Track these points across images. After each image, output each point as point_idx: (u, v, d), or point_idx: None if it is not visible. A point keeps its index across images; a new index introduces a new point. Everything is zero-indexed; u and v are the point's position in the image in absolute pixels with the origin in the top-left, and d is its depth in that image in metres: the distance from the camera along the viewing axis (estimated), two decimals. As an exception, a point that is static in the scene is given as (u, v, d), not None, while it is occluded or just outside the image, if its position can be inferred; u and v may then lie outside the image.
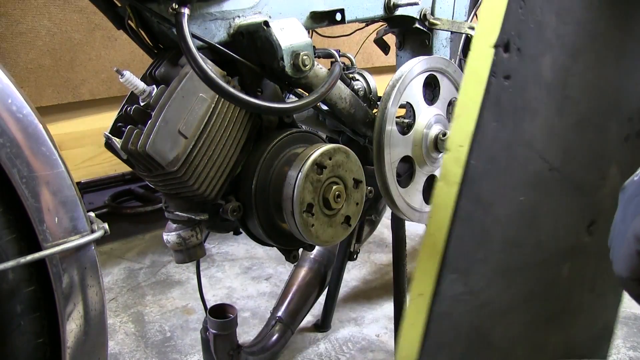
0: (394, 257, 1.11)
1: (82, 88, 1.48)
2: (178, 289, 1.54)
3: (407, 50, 1.16)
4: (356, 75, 1.01)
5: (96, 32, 1.47)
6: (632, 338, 1.25)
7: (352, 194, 0.83)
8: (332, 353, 1.23)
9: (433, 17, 1.08)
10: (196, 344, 1.27)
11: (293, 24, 0.80)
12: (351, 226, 0.84)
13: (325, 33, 1.17)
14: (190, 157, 0.74)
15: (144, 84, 0.74)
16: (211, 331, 0.95)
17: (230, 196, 0.81)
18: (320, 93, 0.79)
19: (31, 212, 0.56)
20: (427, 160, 0.98)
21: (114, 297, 1.51)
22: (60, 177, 0.59)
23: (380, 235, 1.87)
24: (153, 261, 1.73)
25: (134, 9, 0.76)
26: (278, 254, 1.72)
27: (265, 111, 0.79)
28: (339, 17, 0.90)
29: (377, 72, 1.61)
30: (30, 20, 1.35)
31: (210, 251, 1.78)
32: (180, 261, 0.85)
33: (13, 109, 0.56)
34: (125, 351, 1.26)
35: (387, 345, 1.25)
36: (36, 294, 0.60)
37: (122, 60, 1.53)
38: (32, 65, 1.38)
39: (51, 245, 0.57)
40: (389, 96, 0.90)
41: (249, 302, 1.46)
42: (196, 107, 0.73)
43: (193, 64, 0.67)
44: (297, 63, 0.78)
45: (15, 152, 0.55)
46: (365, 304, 1.43)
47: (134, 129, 0.72)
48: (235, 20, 0.80)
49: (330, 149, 0.79)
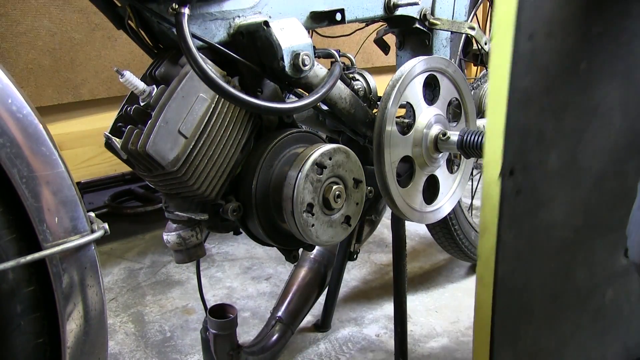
0: (394, 257, 1.11)
1: (82, 88, 1.48)
2: (178, 289, 1.54)
3: (407, 50, 1.16)
4: (356, 75, 1.01)
5: (96, 32, 1.47)
6: (632, 338, 1.25)
7: (352, 194, 0.83)
8: (332, 353, 1.23)
9: (433, 17, 1.08)
10: (196, 344, 1.27)
11: (293, 24, 0.80)
12: (351, 226, 0.84)
13: (325, 33, 1.17)
14: (190, 157, 0.74)
15: (144, 84, 0.74)
16: (211, 331, 0.95)
17: (230, 196, 0.81)
18: (320, 93, 0.79)
19: (31, 212, 0.56)
20: (427, 160, 0.98)
21: (114, 297, 1.51)
22: (60, 177, 0.59)
23: (380, 235, 1.87)
24: (153, 261, 1.73)
25: (134, 9, 0.76)
26: (278, 254, 1.72)
27: (265, 111, 0.79)
28: (339, 17, 0.90)
29: (377, 72, 1.61)
30: (30, 20, 1.35)
31: (210, 251, 1.78)
32: (180, 261, 0.85)
33: (13, 109, 0.56)
34: (125, 351, 1.26)
35: (387, 345, 1.25)
36: (36, 294, 0.60)
37: (122, 60, 1.53)
38: (32, 65, 1.38)
39: (51, 245, 0.57)
40: (389, 96, 0.90)
41: (249, 302, 1.46)
42: (196, 107, 0.73)
43: (193, 64, 0.67)
44: (297, 63, 0.78)
45: (15, 152, 0.55)
46: (365, 304, 1.43)
47: (134, 129, 0.72)
48: (235, 20, 0.80)
49: (330, 149, 0.79)
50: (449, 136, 0.96)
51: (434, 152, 0.98)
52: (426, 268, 1.64)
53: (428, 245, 1.78)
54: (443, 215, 1.04)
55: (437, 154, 0.98)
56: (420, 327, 1.32)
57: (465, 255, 1.49)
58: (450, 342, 1.25)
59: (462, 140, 0.94)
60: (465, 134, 0.94)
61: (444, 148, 0.97)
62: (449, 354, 1.21)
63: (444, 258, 1.69)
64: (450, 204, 1.05)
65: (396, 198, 0.93)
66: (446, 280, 1.55)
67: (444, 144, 0.96)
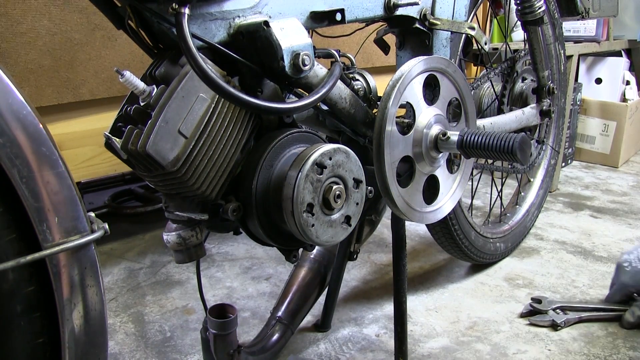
0: (394, 257, 1.11)
1: (82, 88, 1.48)
2: (178, 289, 1.54)
3: (407, 50, 1.16)
4: (356, 75, 1.01)
5: (96, 32, 1.47)
6: (632, 338, 1.25)
7: (352, 194, 0.83)
8: (332, 353, 1.23)
9: (433, 17, 1.08)
10: (196, 344, 1.27)
11: (293, 24, 0.80)
12: (351, 226, 0.84)
13: (325, 33, 1.17)
14: (191, 157, 0.74)
15: (144, 84, 0.74)
16: (211, 331, 0.95)
17: (230, 196, 0.81)
18: (320, 93, 0.79)
19: (31, 212, 0.56)
20: (427, 160, 0.98)
21: (114, 297, 1.51)
22: (60, 177, 0.58)
23: (380, 235, 1.87)
24: (153, 261, 1.73)
25: (134, 9, 0.76)
26: (278, 254, 1.72)
27: (265, 111, 0.79)
28: (339, 17, 0.90)
29: (377, 72, 1.61)
30: (30, 20, 1.35)
31: (210, 251, 1.78)
32: (180, 261, 0.85)
33: (13, 109, 0.56)
34: (125, 351, 1.26)
35: (387, 345, 1.25)
36: (36, 294, 0.60)
37: (122, 60, 1.53)
38: (32, 65, 1.38)
39: (51, 245, 0.57)
40: (389, 96, 0.90)
41: (249, 302, 1.46)
42: (196, 107, 0.73)
43: (193, 64, 0.67)
44: (297, 63, 0.78)
45: (15, 152, 0.55)
46: (365, 304, 1.43)
47: (134, 129, 0.72)
48: (235, 20, 0.80)
49: (330, 149, 0.79)
50: (449, 136, 0.96)
51: (434, 152, 0.98)
52: (426, 268, 1.64)
53: (428, 245, 1.78)
54: (443, 215, 1.04)
55: (437, 153, 0.98)
56: (420, 327, 1.32)
57: (465, 255, 1.49)
58: (450, 342, 1.25)
59: (462, 140, 0.94)
60: (465, 134, 0.94)
61: (444, 148, 0.97)
62: (449, 354, 1.21)
63: (444, 258, 1.69)
64: (450, 204, 1.05)
65: (396, 198, 0.93)
66: (446, 280, 1.55)
67: (444, 144, 0.96)
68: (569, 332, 1.29)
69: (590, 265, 1.62)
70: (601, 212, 2.05)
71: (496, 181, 1.81)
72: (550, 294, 1.46)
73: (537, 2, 1.32)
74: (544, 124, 1.58)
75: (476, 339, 1.26)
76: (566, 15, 1.62)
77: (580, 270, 1.59)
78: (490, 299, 1.44)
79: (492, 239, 1.56)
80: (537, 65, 1.45)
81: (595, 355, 1.19)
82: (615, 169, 2.57)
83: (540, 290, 1.48)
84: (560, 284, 1.51)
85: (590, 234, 1.85)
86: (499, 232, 1.61)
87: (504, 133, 0.92)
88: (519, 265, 1.63)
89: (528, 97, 1.47)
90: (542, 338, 1.27)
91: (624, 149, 2.58)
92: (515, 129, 1.37)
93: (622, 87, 2.61)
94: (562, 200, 2.19)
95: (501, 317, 1.35)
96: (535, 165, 1.68)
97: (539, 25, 1.37)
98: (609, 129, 2.56)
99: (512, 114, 1.37)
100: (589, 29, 2.39)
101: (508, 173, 1.84)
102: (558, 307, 1.33)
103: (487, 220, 1.66)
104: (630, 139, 2.61)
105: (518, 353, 1.21)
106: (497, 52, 2.03)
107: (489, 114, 1.43)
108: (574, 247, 1.75)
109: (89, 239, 0.60)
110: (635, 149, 2.77)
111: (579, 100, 2.52)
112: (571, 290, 1.48)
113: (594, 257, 1.67)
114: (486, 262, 1.60)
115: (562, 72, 1.73)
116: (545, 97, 1.48)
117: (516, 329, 1.30)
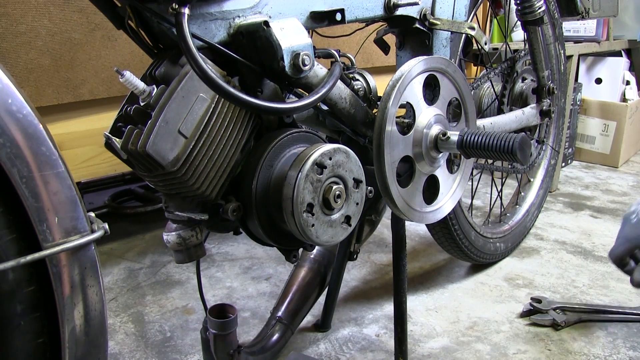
0: (394, 257, 1.11)
1: (82, 88, 1.48)
2: (178, 289, 1.54)
3: (407, 50, 1.16)
4: (356, 75, 1.01)
5: (96, 32, 1.47)
6: (632, 338, 1.25)
7: (352, 194, 0.83)
8: (332, 353, 1.23)
9: (433, 17, 1.08)
10: (196, 344, 1.27)
11: (293, 24, 0.80)
12: (351, 226, 0.84)
13: (325, 33, 1.17)
14: (190, 157, 0.74)
15: (144, 84, 0.74)
16: (211, 331, 0.95)
17: (230, 196, 0.81)
18: (320, 93, 0.79)
19: (31, 212, 0.56)
20: (427, 160, 0.98)
21: (114, 297, 1.51)
22: (60, 177, 0.58)
23: (380, 235, 1.87)
24: (153, 261, 1.73)
25: (134, 9, 0.76)
26: (278, 254, 1.72)
27: (265, 111, 0.79)
28: (339, 17, 0.90)
29: (377, 72, 1.61)
30: (30, 20, 1.35)
31: (210, 251, 1.78)
32: (180, 261, 0.85)
33: (13, 109, 0.56)
34: (125, 351, 1.26)
35: (387, 345, 1.25)
36: (36, 294, 0.60)
37: (122, 60, 1.53)
38: (32, 65, 1.38)
39: (51, 245, 0.57)
40: (389, 96, 0.89)
41: (249, 302, 1.46)
42: (196, 107, 0.73)
43: (193, 64, 0.67)
44: (297, 63, 0.78)
45: (15, 152, 0.55)
46: (365, 304, 1.43)
47: (134, 129, 0.72)
48: (235, 20, 0.80)
49: (330, 149, 0.79)
50: (449, 136, 0.96)
51: (434, 152, 0.98)
52: (426, 268, 1.64)
53: (428, 245, 1.78)
54: (443, 215, 1.04)
55: (437, 153, 0.98)
56: (420, 327, 1.32)
57: (465, 255, 1.49)
58: (450, 342, 1.25)
59: (462, 140, 0.94)
60: (465, 134, 0.94)
61: (444, 148, 0.97)
62: (449, 354, 1.21)
63: (444, 258, 1.69)
64: (450, 204, 1.05)
65: (396, 198, 0.93)
66: (446, 280, 1.55)
67: (444, 144, 0.96)
68: (569, 332, 1.29)
69: (590, 265, 1.62)
70: (601, 212, 2.05)
71: (496, 181, 1.81)
72: (550, 294, 1.46)
73: (537, 2, 1.32)
74: (544, 124, 1.58)
75: (476, 339, 1.26)
76: (566, 15, 1.62)
77: (580, 270, 1.59)
78: (490, 299, 1.44)
79: (492, 239, 1.56)
80: (537, 65, 1.45)
81: (595, 355, 1.19)
82: (615, 169, 2.58)
83: (540, 290, 1.48)
84: (560, 284, 1.51)
85: (590, 234, 1.85)
86: (499, 232, 1.61)
87: (504, 133, 0.92)
88: (519, 265, 1.63)
89: (528, 97, 1.47)
90: (542, 338, 1.27)
91: (624, 149, 2.58)
92: (515, 129, 1.37)
93: (622, 87, 2.61)
94: (562, 200, 2.19)
95: (501, 317, 1.35)
96: (535, 165, 1.68)
97: (538, 25, 1.37)
98: (609, 129, 2.56)
99: (512, 114, 1.37)
100: (589, 29, 2.39)
101: (508, 173, 1.84)
102: (558, 307, 1.33)
103: (487, 220, 1.66)
104: (630, 139, 2.61)
105: (518, 353, 1.21)
106: (497, 52, 2.03)
107: (489, 114, 1.43)
108: (574, 247, 1.75)
109: (89, 239, 0.60)
110: (635, 149, 2.77)
111: (579, 100, 2.52)
112: (571, 290, 1.48)
113: (594, 257, 1.67)
114: (486, 262, 1.60)
115: (562, 72, 1.73)
116: (545, 97, 1.48)
117: (516, 329, 1.30)
